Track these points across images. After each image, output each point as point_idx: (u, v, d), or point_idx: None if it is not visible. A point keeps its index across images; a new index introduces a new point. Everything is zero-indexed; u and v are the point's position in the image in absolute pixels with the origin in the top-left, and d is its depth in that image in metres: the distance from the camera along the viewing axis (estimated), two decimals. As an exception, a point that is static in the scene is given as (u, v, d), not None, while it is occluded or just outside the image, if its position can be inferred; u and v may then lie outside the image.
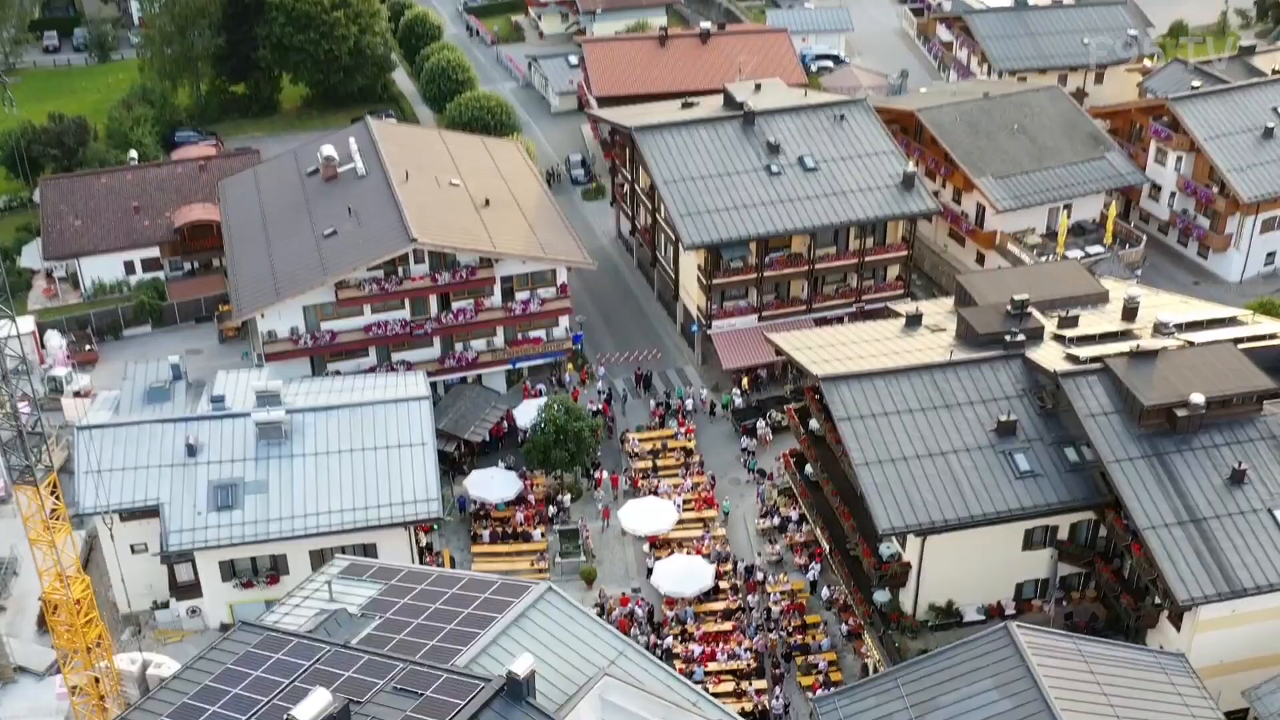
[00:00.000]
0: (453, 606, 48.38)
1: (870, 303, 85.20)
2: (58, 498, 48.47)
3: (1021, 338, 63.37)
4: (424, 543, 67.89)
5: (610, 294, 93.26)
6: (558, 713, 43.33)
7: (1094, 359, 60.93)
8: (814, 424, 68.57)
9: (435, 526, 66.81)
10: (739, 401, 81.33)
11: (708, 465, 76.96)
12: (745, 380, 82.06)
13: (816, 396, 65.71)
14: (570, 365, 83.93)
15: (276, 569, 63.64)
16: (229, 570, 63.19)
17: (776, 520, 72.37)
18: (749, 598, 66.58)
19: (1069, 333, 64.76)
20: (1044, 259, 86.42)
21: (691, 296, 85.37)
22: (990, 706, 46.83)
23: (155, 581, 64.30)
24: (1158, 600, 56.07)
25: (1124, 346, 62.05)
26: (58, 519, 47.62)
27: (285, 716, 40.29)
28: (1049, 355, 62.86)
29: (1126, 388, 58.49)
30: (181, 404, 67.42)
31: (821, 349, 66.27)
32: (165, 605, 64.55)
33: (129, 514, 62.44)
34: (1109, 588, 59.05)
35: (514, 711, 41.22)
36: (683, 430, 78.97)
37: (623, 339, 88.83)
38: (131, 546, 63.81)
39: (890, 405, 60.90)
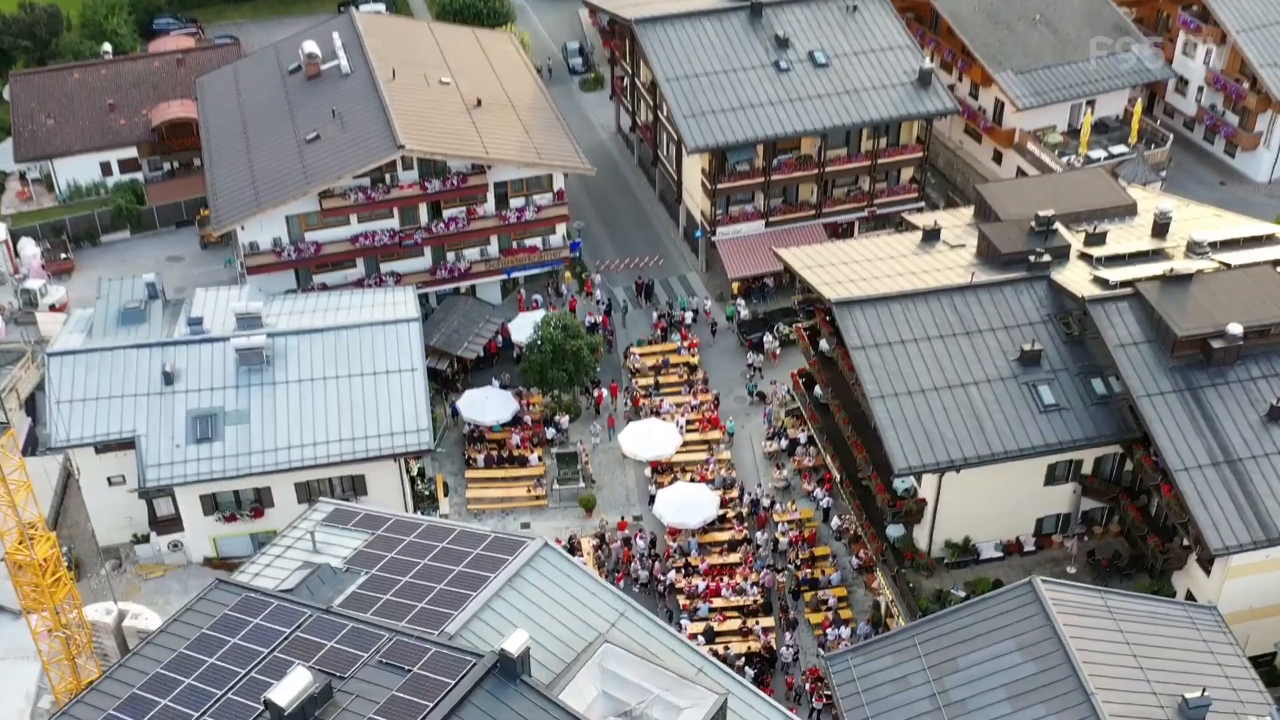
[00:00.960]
0: (442, 563, 45.48)
1: (883, 207, 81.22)
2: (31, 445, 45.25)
3: (1046, 258, 59.58)
4: (415, 471, 64.90)
5: (610, 194, 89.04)
6: (556, 682, 40.83)
7: (1124, 283, 57.27)
8: (824, 344, 65.12)
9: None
10: (744, 313, 77.77)
11: (712, 383, 73.67)
12: (735, 286, 78.37)
13: (827, 318, 62.18)
14: (568, 274, 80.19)
15: (261, 502, 60.73)
16: (211, 504, 60.30)
17: (784, 443, 69.30)
18: (757, 534, 63.72)
19: (1096, 251, 60.97)
20: (1065, 159, 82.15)
21: (695, 201, 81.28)
22: (1013, 670, 44.18)
23: (135, 514, 61.47)
24: (1186, 543, 53.25)
25: (1156, 269, 58.36)
26: (18, 476, 44.43)
27: (263, 699, 37.80)
28: (1076, 277, 59.19)
29: (1159, 316, 54.94)
30: (158, 326, 63.86)
31: (833, 268, 62.51)
32: (145, 539, 61.77)
33: (104, 446, 59.29)
34: (1135, 526, 56.15)
35: (507, 690, 38.52)
36: (685, 345, 75.51)
37: (623, 244, 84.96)
38: (109, 479, 60.81)
39: (907, 332, 57.38)
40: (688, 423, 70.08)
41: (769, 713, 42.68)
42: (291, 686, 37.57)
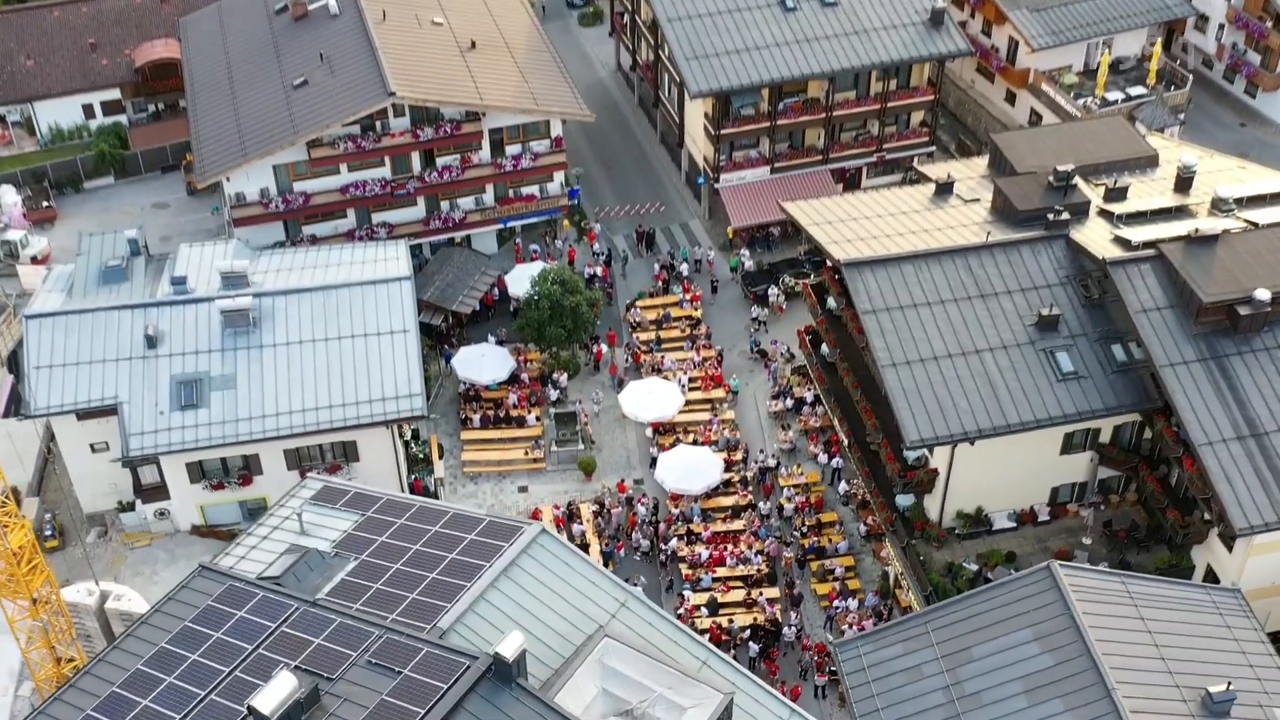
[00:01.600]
0: (435, 549, 43.55)
1: (892, 152, 78.48)
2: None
3: (1065, 216, 57.04)
4: (408, 434, 62.87)
5: (609, 136, 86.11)
6: (554, 680, 39.13)
7: (1146, 244, 54.81)
8: (832, 303, 62.77)
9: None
10: (748, 265, 75.30)
11: (716, 337, 71.40)
12: (730, 232, 75.99)
13: (835, 276, 59.83)
14: (567, 222, 77.60)
15: (249, 469, 58.71)
16: (197, 472, 58.29)
17: (790, 402, 67.15)
18: (762, 503, 61.76)
19: (1117, 208, 58.42)
20: (1081, 101, 79.16)
21: (698, 146, 78.47)
22: (1030, 661, 42.43)
23: (119, 481, 59.43)
24: (1208, 517, 51.33)
25: (1180, 227, 55.87)
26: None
27: (246, 705, 36.03)
28: (1095, 236, 56.73)
29: (1183, 280, 52.57)
30: (141, 284, 61.52)
31: (842, 224, 59.98)
32: (130, 507, 59.85)
33: (85, 413, 57.17)
34: (1154, 499, 54.18)
35: (502, 695, 36.75)
36: (688, 297, 73.12)
37: (623, 189, 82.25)
38: (91, 446, 58.77)
39: (920, 295, 55.04)
40: (690, 380, 67.93)
41: (777, 709, 40.94)
42: (276, 691, 35.82)
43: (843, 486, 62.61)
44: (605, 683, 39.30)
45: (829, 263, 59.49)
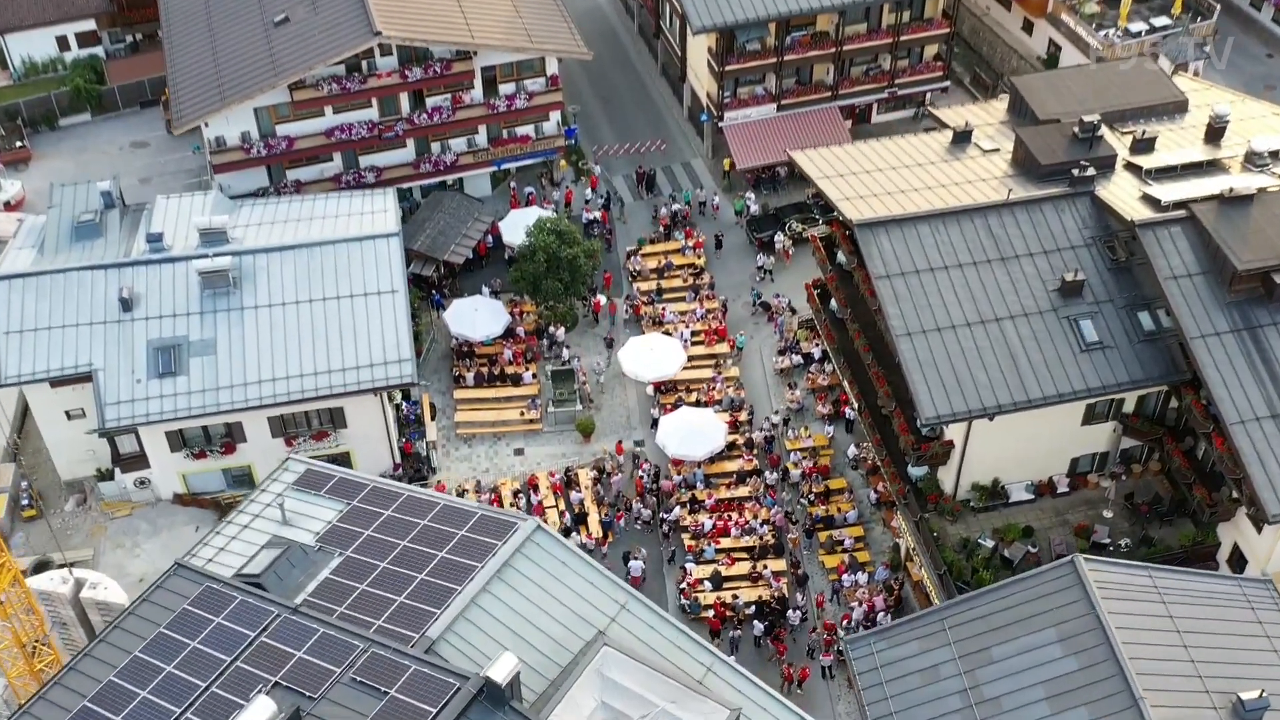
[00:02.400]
0: (424, 546, 41.16)
1: (904, 88, 74.92)
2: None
3: (1091, 172, 53.82)
4: (398, 396, 60.19)
5: (608, 69, 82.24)
6: (550, 693, 37.10)
7: (1177, 204, 51.70)
8: (842, 258, 59.77)
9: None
10: (754, 208, 72.08)
11: (720, 287, 68.44)
12: (726, 163, 72.65)
13: (846, 233, 56.76)
14: (564, 162, 74.23)
15: (232, 437, 56.16)
16: (178, 440, 55.73)
17: (797, 358, 64.40)
18: (768, 474, 59.25)
19: (1145, 161, 55.17)
20: (1103, 33, 75.26)
21: (700, 82, 74.81)
22: (1053, 665, 40.21)
23: (97, 447, 56.83)
24: (1236, 496, 48.90)
25: (1212, 184, 52.70)
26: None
27: (222, 733, 33.92)
28: (1123, 193, 53.61)
29: (1216, 244, 49.54)
30: (116, 241, 58.51)
31: (854, 177, 56.77)
32: (109, 476, 57.39)
33: (59, 381, 54.46)
34: (1180, 474, 51.66)
35: (494, 719, 34.56)
36: (690, 244, 70.00)
37: (622, 126, 78.73)
38: (67, 413, 56.17)
39: (937, 258, 52.06)
40: (693, 335, 65.13)
41: (787, 718, 38.79)
42: (255, 717, 33.68)
43: (851, 450, 60.12)
44: (605, 695, 37.15)
45: (840, 218, 56.31)
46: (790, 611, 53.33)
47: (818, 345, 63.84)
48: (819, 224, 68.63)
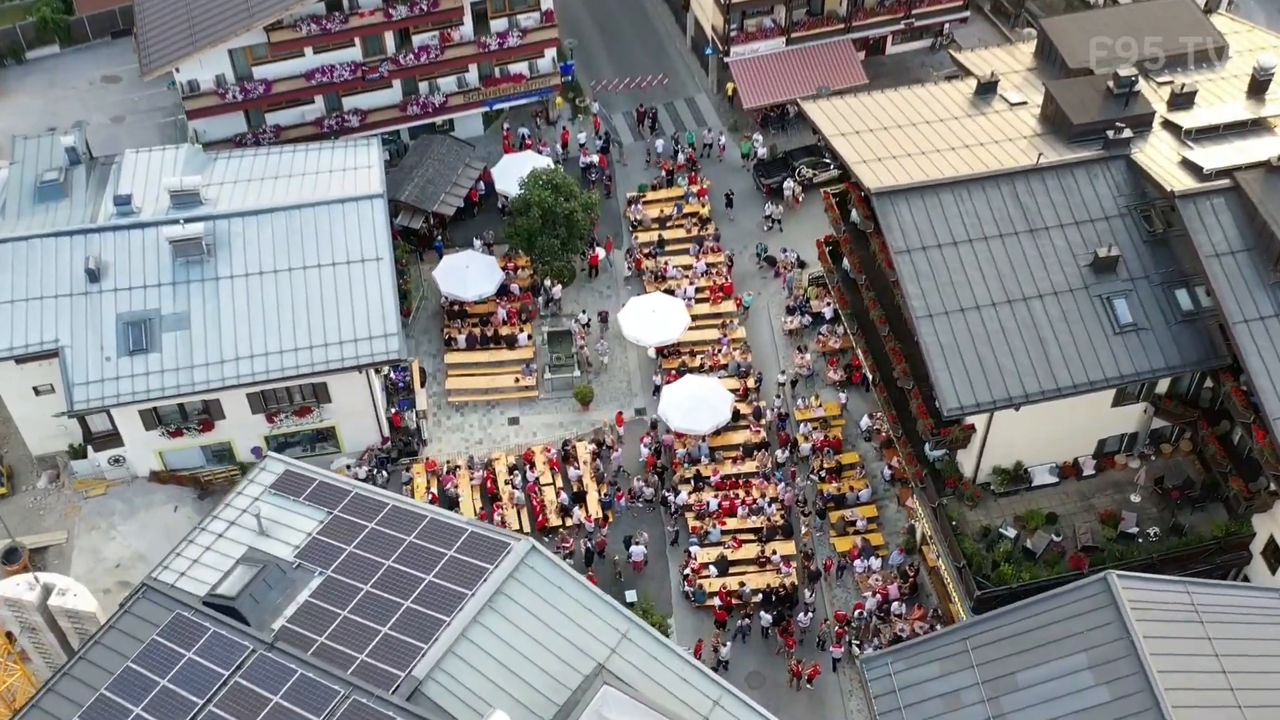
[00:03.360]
0: (410, 568, 38.39)
1: (921, 18, 70.49)
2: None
3: (1127, 133, 49.94)
4: (385, 370, 56.96)
5: (607, -6, 77.74)
6: (545, 735, 34.49)
7: (1220, 172, 47.96)
8: (856, 216, 56.12)
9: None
10: (761, 151, 68.10)
11: (726, 238, 64.76)
12: (731, 89, 68.45)
13: (861, 194, 53.02)
14: (559, 99, 70.04)
15: (210, 414, 53.06)
16: (153, 419, 52.65)
17: (807, 319, 61.01)
18: (778, 452, 56.19)
19: (1184, 120, 51.25)
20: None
21: (705, 13, 70.33)
22: (1084, 695, 37.61)
23: (70, 422, 53.74)
24: (1275, 489, 45.97)
25: (1257, 148, 48.94)
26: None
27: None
28: (1161, 157, 49.82)
29: (1263, 219, 45.88)
30: (82, 201, 54.82)
31: (871, 134, 52.85)
32: (82, 453, 54.41)
33: (24, 358, 51.18)
34: (1215, 462, 48.63)
35: (485, 782, 32.06)
36: (694, 191, 66.15)
37: (622, 58, 74.33)
38: (35, 389, 52.93)
39: (960, 230, 48.43)
40: (697, 292, 61.68)
41: (798, 758, 36.38)
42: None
43: (865, 421, 57.07)
44: (605, 740, 34.62)
45: (856, 182, 52.48)
46: (801, 615, 50.56)
47: (829, 304, 60.42)
48: (830, 169, 64.92)
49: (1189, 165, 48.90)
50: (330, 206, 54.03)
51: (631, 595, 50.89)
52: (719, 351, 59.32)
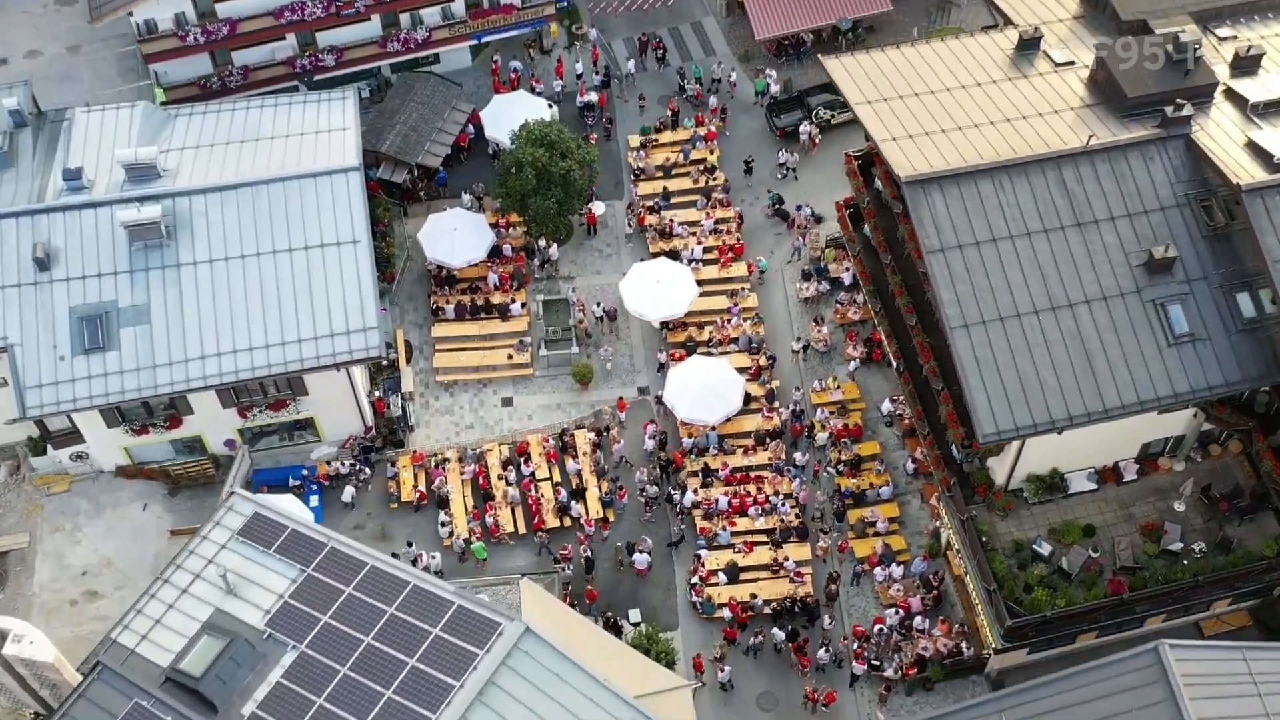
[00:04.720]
0: (391, 647, 34.76)
1: (952, -64, 64.37)
2: None
3: (1188, 110, 44.73)
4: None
5: (605, -102, 70.89)
6: None
7: (1293, 160, 43.03)
8: (879, 185, 51.18)
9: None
10: (775, 88, 62.52)
11: (735, 189, 59.67)
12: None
13: (887, 171, 47.95)
14: (554, 27, 64.16)
15: (176, 409, 48.87)
16: (115, 416, 48.48)
17: (823, 285, 56.38)
18: (797, 455, 52.02)
19: (1250, 89, 46.04)
20: None
21: (713, -71, 64.13)
22: (1132, 784, 34.28)
23: (26, 415, 49.68)
24: (1339, 513, 42.25)
25: (1333, 128, 43.91)
26: None
27: None
28: (1224, 137, 44.76)
29: (1340, 220, 41.20)
30: (29, 174, 49.72)
31: (899, 102, 47.54)
32: (42, 449, 50.34)
33: (-31, 356, 46.90)
34: (1270, 479, 44.67)
35: None
36: (702, 135, 60.78)
37: (622, -24, 68.19)
38: (-15, 382, 48.77)
39: (1000, 225, 43.63)
40: (704, 252, 56.95)
41: None
42: None
43: (886, 406, 52.92)
44: None
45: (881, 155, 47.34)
46: (820, 651, 46.96)
47: (848, 270, 55.74)
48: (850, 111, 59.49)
49: (1256, 150, 43.82)
50: (302, 181, 49.01)
51: (635, 615, 47.43)
52: (728, 323, 54.86)
